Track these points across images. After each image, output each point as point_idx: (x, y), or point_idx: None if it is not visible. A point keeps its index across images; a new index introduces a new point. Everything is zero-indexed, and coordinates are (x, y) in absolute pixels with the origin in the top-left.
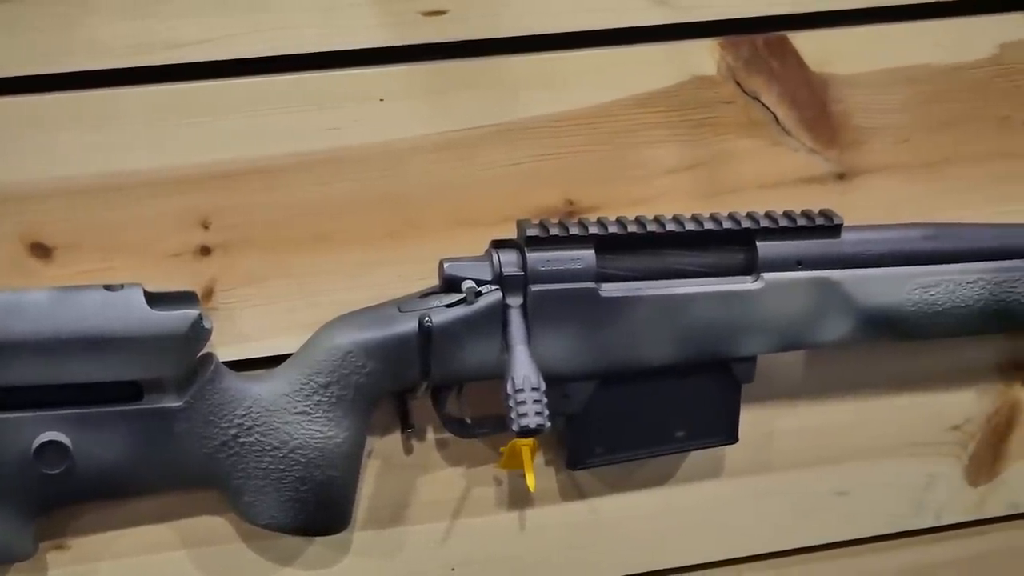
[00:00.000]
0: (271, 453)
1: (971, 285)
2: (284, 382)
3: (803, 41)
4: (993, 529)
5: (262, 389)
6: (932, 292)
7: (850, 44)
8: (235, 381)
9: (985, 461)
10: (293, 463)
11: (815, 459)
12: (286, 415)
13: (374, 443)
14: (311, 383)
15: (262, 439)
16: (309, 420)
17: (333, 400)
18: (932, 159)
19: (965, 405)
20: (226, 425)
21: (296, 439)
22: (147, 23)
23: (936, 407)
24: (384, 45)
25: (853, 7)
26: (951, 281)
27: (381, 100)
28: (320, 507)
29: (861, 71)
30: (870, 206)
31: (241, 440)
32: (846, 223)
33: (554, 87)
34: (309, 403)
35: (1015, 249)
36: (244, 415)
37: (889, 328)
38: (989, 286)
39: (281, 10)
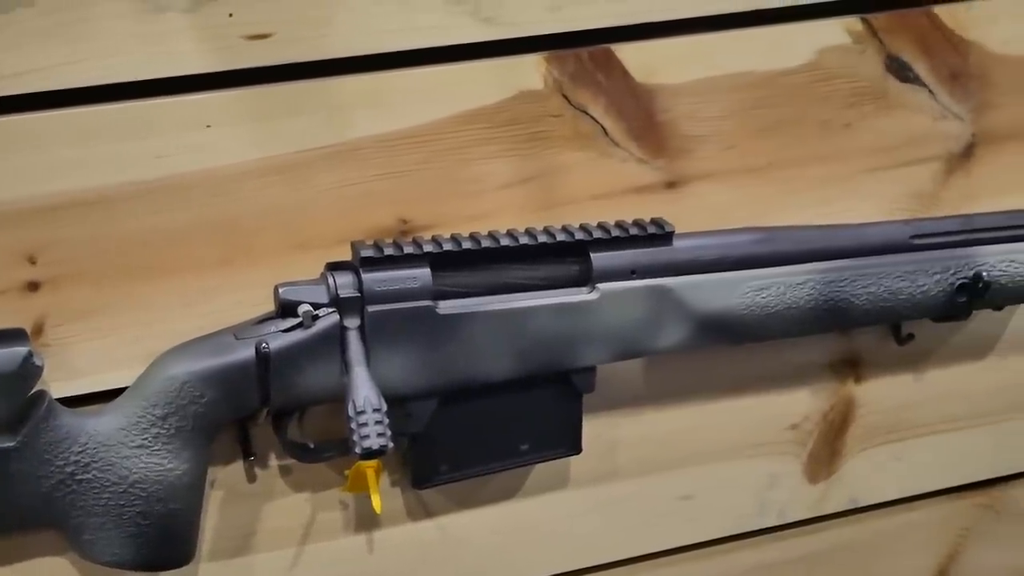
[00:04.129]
0: (110, 489)
1: (801, 286)
2: (120, 416)
3: (627, 53)
4: (834, 524)
5: (98, 424)
6: (764, 294)
7: (674, 54)
8: (70, 418)
9: (823, 458)
10: (133, 498)
11: (659, 465)
12: (124, 449)
13: (216, 473)
14: (148, 415)
15: (100, 475)
16: (148, 453)
17: (172, 432)
18: (758, 164)
19: (801, 404)
20: (62, 463)
21: (135, 473)
22: None
23: (774, 407)
24: (208, 71)
25: (675, 18)
26: (782, 283)
27: (208, 126)
28: (163, 541)
29: (685, 80)
30: (700, 213)
31: (78, 477)
32: (677, 230)
33: (383, 107)
34: (147, 436)
35: (841, 249)
36: (80, 452)
37: (725, 332)
38: (819, 286)
39: (102, 38)
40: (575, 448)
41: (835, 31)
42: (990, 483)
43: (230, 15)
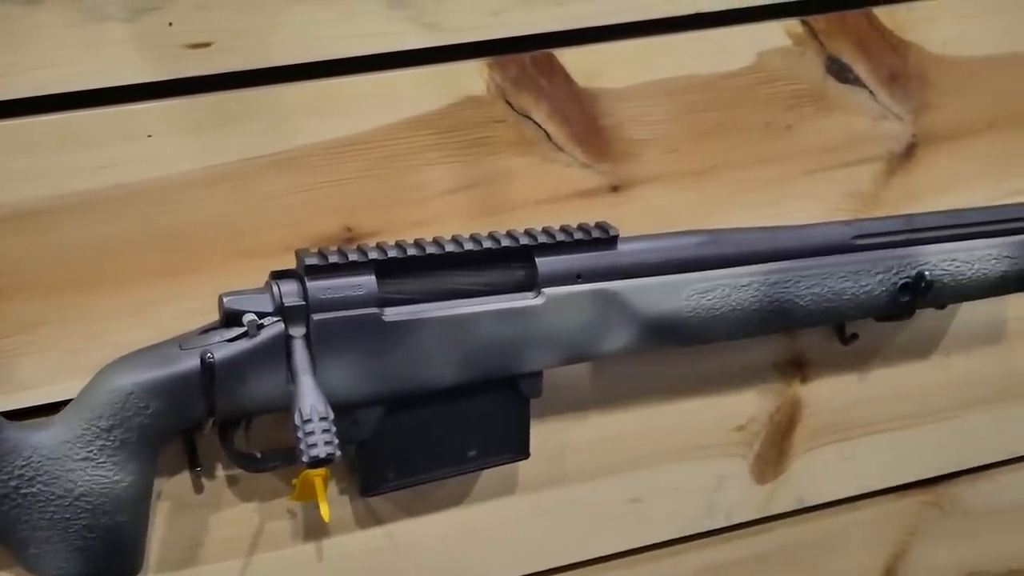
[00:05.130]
0: (55, 502)
1: (745, 288)
2: (65, 428)
3: (570, 58)
4: (782, 525)
5: (43, 437)
6: (708, 297)
7: (616, 59)
8: (13, 431)
9: (770, 459)
10: (79, 511)
11: (607, 468)
12: (69, 462)
13: (162, 484)
14: (93, 428)
15: (45, 488)
16: (93, 466)
17: (117, 444)
18: (701, 167)
19: (748, 405)
20: (6, 477)
21: (81, 486)
22: None
23: (720, 409)
24: (149, 80)
25: (617, 22)
26: (726, 285)
27: (149, 136)
28: (110, 554)
29: (628, 84)
30: (645, 216)
31: (23, 492)
32: (622, 234)
33: (327, 114)
34: (92, 448)
35: (785, 250)
36: (25, 465)
37: (670, 335)
38: (763, 288)
39: (41, 48)
40: (523, 453)
41: (776, 33)
42: (936, 481)
43: (170, 24)
